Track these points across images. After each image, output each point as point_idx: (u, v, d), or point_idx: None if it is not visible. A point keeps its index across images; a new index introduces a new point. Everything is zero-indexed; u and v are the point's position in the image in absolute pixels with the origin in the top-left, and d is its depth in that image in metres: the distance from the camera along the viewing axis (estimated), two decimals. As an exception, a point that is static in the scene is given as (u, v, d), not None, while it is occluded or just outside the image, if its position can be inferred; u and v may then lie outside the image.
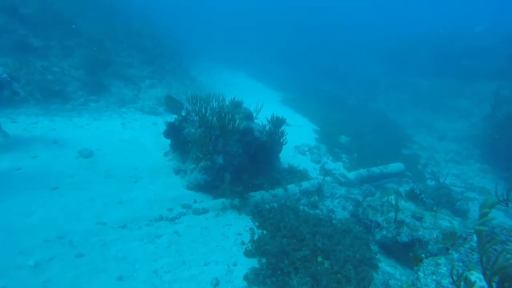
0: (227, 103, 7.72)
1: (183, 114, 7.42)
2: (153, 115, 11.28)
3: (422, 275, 3.26)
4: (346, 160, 10.73)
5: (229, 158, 6.40)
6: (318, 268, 4.56)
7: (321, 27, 37.47)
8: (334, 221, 5.84)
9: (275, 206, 6.19)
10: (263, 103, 7.81)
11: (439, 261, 3.29)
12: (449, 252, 3.48)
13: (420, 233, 4.81)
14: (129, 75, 13.18)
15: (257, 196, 6.37)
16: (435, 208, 5.67)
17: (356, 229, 5.63)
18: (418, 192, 6.01)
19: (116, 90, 12.04)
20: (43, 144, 7.09)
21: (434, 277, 3.16)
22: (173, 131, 7.30)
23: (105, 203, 5.39)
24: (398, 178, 9.50)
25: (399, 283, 4.25)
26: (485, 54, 20.18)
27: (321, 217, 5.93)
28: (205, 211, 5.70)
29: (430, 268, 3.24)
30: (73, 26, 12.63)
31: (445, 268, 3.20)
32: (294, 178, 7.68)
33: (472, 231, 3.65)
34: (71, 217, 4.83)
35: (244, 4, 50.59)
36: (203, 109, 6.79)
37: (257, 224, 5.65)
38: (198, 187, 6.49)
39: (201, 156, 6.30)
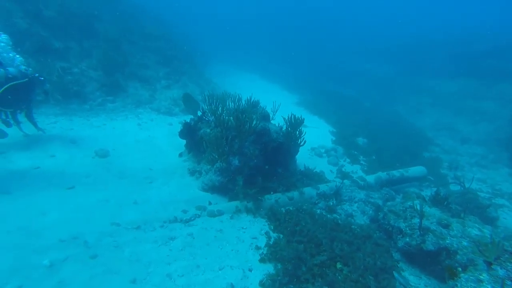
0: (243, 103, 7.59)
1: (199, 114, 7.34)
2: (169, 115, 11.32)
3: (461, 292, 2.96)
4: (364, 163, 10.40)
5: (245, 159, 6.26)
6: (337, 275, 4.35)
7: (336, 28, 36.98)
8: (353, 226, 5.60)
9: (291, 209, 6.00)
10: (280, 103, 7.65)
11: (481, 277, 2.99)
12: (492, 267, 3.16)
13: (447, 241, 4.50)
14: (145, 76, 13.33)
15: (272, 199, 6.20)
16: (462, 215, 5.33)
17: (376, 235, 5.37)
18: (443, 197, 5.67)
19: (133, 90, 12.17)
20: (61, 143, 7.18)
21: (475, 295, 2.87)
22: (188, 132, 7.24)
23: (120, 203, 5.35)
24: (418, 183, 9.10)
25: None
26: (506, 53, 19.26)
27: (340, 221, 5.70)
28: (220, 213, 5.57)
29: (471, 286, 2.93)
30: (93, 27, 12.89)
31: (489, 287, 2.89)
32: (310, 181, 7.46)
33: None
34: (86, 217, 4.81)
35: (255, 5, 50.58)
36: (219, 109, 6.69)
37: (272, 227, 5.48)
38: (213, 189, 6.38)
39: (216, 157, 6.19)
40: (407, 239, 4.81)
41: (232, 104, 7.49)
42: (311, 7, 43.67)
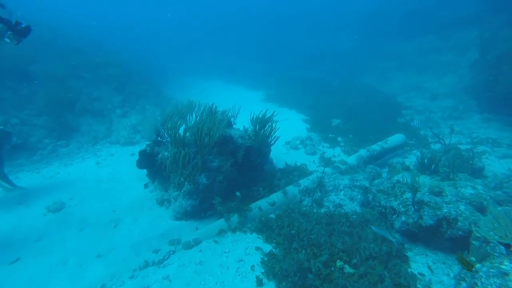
0: (201, 112, 6.98)
1: (154, 136, 6.66)
2: (130, 145, 10.51)
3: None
4: (343, 144, 10.06)
5: (213, 174, 5.66)
6: (346, 275, 3.88)
7: (294, 15, 36.67)
8: (348, 214, 5.17)
9: (280, 213, 5.49)
10: (239, 106, 7.09)
11: (503, 267, 2.45)
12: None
13: (445, 210, 4.10)
14: (98, 108, 12.39)
15: (254, 208, 5.64)
16: (451, 176, 4.98)
17: (373, 217, 4.92)
18: (429, 161, 5.32)
19: (87, 127, 11.26)
20: (6, 207, 6.28)
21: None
22: (146, 159, 6.54)
23: (80, 262, 4.61)
24: (401, 150, 8.83)
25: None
26: (457, 2, 19.65)
27: (333, 213, 5.26)
28: (197, 242, 4.94)
29: (495, 283, 2.36)
30: (28, 72, 11.81)
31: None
32: (292, 177, 6.98)
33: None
34: (38, 292, 4.05)
35: (208, 10, 49.76)
36: (176, 126, 6.03)
37: (263, 238, 4.93)
38: (186, 215, 5.74)
39: (182, 180, 5.55)
40: (403, 218, 4.38)
41: (194, 116, 6.88)
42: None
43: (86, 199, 6.66)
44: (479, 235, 3.76)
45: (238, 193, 5.58)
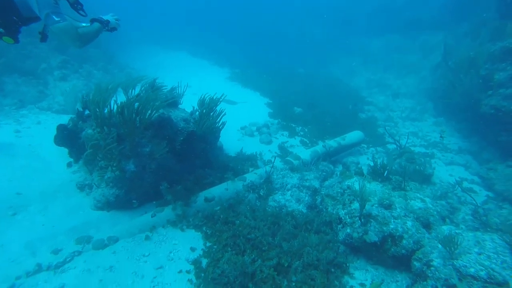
0: (142, 88, 5.98)
1: (80, 110, 5.57)
2: (65, 113, 9.09)
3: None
4: (302, 133, 9.66)
5: (144, 161, 4.82)
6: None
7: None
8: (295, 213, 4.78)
9: (222, 207, 4.93)
10: (186, 84, 6.18)
11: None
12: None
13: (391, 226, 3.77)
14: (30, 67, 10.57)
15: (192, 202, 4.97)
16: (403, 185, 4.70)
17: (317, 220, 4.53)
18: (381, 167, 5.00)
19: (12, 88, 9.53)
20: None
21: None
22: (68, 136, 5.46)
23: (-51, 262, 3.62)
24: (358, 147, 8.64)
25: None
26: (424, 4, 19.87)
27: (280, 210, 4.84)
28: (112, 240, 4.16)
29: None
30: None
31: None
32: (242, 168, 6.40)
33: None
34: None
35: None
36: (103, 100, 5.00)
37: (199, 236, 4.32)
38: (109, 205, 4.89)
39: (103, 165, 4.65)
40: (348, 230, 4.00)
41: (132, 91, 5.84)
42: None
43: (-13, 178, 5.45)
44: (421, 256, 3.48)
45: (163, 185, 4.81)
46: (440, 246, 3.36)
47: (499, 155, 7.67)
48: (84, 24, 3.36)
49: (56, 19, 2.82)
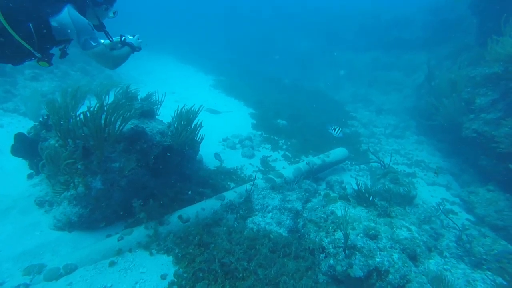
0: (115, 96, 5.56)
1: (44, 118, 5.07)
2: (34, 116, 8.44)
3: None
4: (285, 147, 9.42)
5: (112, 178, 4.38)
6: None
7: (256, 7, 35.34)
8: (272, 235, 4.46)
9: (196, 228, 4.54)
10: (164, 93, 5.81)
11: None
12: None
13: (377, 259, 3.53)
14: (-2, 65, 9.85)
15: (165, 222, 4.56)
16: (388, 211, 4.51)
17: (296, 244, 4.25)
18: (365, 191, 4.80)
19: (-25, 87, 8.80)
20: None
21: None
22: (29, 146, 4.93)
23: None
24: (342, 164, 8.49)
25: None
26: (408, 24, 20.50)
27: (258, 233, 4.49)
28: (69, 270, 3.69)
29: None
30: None
31: None
32: (222, 184, 6.06)
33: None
34: None
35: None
36: (66, 107, 4.54)
37: (169, 262, 3.92)
38: (70, 226, 4.39)
39: (63, 181, 4.17)
40: (331, 262, 3.72)
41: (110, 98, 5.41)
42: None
43: None
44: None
45: (136, 202, 4.40)
46: (428, 285, 3.15)
47: (479, 179, 7.72)
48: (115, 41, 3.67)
49: (94, 44, 3.01)
